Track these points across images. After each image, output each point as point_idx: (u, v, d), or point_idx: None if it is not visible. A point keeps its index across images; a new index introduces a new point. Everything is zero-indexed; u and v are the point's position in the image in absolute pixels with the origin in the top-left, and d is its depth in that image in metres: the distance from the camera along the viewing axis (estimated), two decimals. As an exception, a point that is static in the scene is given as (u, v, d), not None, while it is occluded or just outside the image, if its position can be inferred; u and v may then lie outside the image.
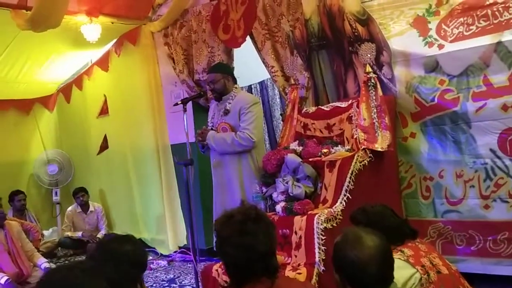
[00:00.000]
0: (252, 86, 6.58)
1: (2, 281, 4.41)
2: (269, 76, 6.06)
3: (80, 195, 6.50)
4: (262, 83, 6.55)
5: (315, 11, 4.08)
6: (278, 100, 6.41)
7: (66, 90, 7.19)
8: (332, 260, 1.85)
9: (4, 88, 6.27)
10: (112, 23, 5.32)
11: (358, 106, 3.57)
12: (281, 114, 5.94)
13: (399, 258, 2.14)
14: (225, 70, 4.11)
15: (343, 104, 3.78)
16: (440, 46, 3.49)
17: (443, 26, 3.49)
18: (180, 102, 3.93)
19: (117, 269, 1.90)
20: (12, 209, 6.25)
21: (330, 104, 3.95)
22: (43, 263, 4.90)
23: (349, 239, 1.79)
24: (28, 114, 7.16)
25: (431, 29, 3.54)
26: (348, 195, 3.15)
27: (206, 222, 5.02)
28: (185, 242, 5.61)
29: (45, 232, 6.69)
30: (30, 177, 7.17)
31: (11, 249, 4.76)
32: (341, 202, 3.14)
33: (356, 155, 3.31)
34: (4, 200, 5.68)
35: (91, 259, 1.98)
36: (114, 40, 6.03)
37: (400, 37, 3.66)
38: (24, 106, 7.07)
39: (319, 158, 3.48)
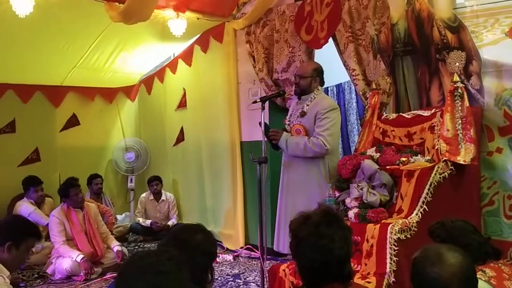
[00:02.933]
0: (329, 89, 6.50)
1: (78, 259, 4.65)
2: (346, 80, 6.01)
3: (155, 183, 6.71)
4: (339, 86, 6.46)
5: (402, 16, 3.98)
6: (354, 104, 6.30)
7: (148, 82, 7.45)
8: (410, 276, 1.77)
9: (92, 75, 6.61)
10: (198, 19, 5.45)
11: (442, 116, 3.44)
12: (360, 119, 5.84)
13: (479, 278, 2.03)
14: (318, 71, 4.02)
15: (426, 113, 3.66)
16: (537, 58, 3.30)
17: (543, 37, 3.30)
18: (259, 100, 3.94)
19: (191, 259, 1.92)
20: (89, 192, 6.58)
21: (412, 111, 3.84)
22: (116, 246, 5.12)
23: (430, 255, 1.69)
24: (111, 102, 7.48)
25: (528, 39, 3.35)
26: (425, 207, 3.05)
27: (274, 220, 5.02)
28: (243, 239, 5.69)
29: (118, 217, 6.98)
30: (109, 162, 7.50)
31: (88, 229, 5.00)
32: (417, 214, 3.04)
33: (436, 166, 3.19)
34: (83, 183, 5.98)
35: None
36: (197, 36, 6.18)
37: (493, 46, 3.49)
38: (109, 94, 7.39)
39: (397, 167, 3.40)
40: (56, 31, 5.24)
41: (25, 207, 5.38)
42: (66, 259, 4.70)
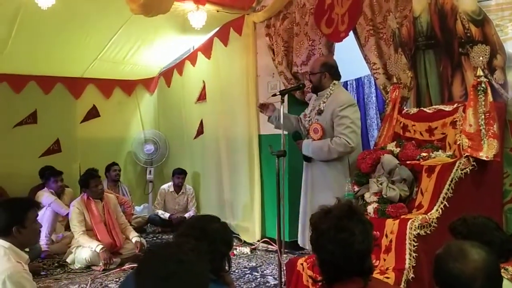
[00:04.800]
0: (348, 83, 6.46)
1: (98, 249, 4.71)
2: (366, 74, 5.96)
3: (181, 176, 6.76)
4: (358, 80, 6.41)
5: (425, 9, 3.92)
6: (374, 98, 6.24)
7: (167, 74, 7.49)
8: (433, 273, 1.74)
9: (112, 68, 6.67)
10: (218, 11, 5.44)
11: (464, 111, 3.37)
12: (380, 113, 5.78)
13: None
14: (326, 66, 3.99)
15: (448, 108, 3.59)
16: None
17: None
18: (278, 93, 3.92)
19: (210, 248, 1.98)
20: (107, 180, 6.67)
21: (433, 106, 3.78)
22: (134, 236, 5.15)
23: (452, 251, 1.67)
24: (130, 95, 7.56)
25: (555, 33, 3.27)
26: (446, 203, 3.00)
27: (292, 214, 5.01)
28: (259, 232, 5.69)
29: (137, 208, 7.05)
30: (128, 154, 7.58)
31: (107, 220, 5.05)
32: (437, 210, 2.99)
33: (458, 162, 3.14)
34: (102, 174, 6.06)
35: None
36: (216, 28, 6.17)
37: (519, 40, 3.42)
38: (128, 86, 7.47)
39: (417, 162, 3.35)
40: (78, 23, 5.29)
41: (46, 197, 5.45)
42: (86, 249, 4.77)
